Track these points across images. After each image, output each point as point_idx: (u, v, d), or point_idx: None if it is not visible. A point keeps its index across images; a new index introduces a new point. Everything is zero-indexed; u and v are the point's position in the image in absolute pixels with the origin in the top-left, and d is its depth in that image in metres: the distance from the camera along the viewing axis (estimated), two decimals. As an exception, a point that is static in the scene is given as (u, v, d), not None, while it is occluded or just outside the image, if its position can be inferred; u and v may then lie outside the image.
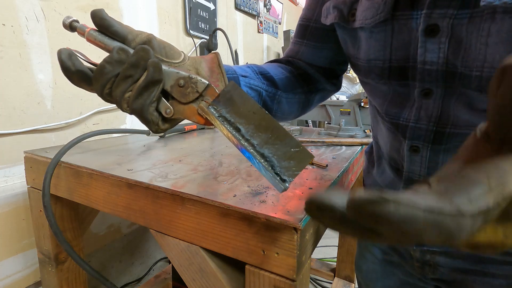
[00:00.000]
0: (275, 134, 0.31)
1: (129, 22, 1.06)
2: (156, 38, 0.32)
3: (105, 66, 0.29)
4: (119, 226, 1.10)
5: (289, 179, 0.31)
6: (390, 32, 0.35)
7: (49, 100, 0.85)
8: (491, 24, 0.28)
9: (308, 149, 0.31)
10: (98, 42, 0.31)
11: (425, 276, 0.44)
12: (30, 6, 0.78)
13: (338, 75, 0.54)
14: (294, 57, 0.53)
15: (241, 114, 0.31)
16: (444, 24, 0.30)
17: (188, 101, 0.32)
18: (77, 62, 0.30)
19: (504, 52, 0.27)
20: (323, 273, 1.34)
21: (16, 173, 0.79)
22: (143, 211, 0.48)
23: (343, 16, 0.40)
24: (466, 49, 0.30)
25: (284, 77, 0.49)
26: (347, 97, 1.87)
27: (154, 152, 0.67)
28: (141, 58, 0.29)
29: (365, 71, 0.40)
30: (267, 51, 2.24)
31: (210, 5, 1.49)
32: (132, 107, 0.31)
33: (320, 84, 0.53)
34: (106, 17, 0.30)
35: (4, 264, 0.78)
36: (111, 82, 0.30)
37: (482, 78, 0.29)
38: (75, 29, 0.32)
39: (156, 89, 0.30)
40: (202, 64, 0.34)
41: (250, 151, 0.31)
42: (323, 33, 0.48)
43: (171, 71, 0.31)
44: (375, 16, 0.35)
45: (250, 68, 0.47)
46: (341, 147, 0.76)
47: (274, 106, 0.48)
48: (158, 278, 1.10)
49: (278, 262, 0.37)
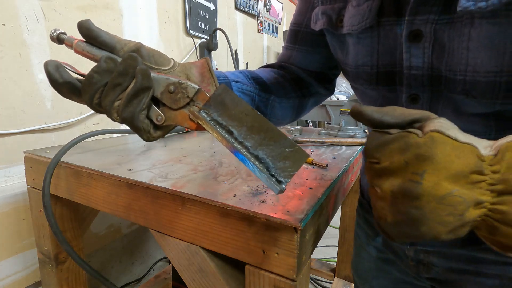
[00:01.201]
0: (268, 135, 0.30)
1: (129, 22, 1.06)
2: (144, 46, 0.32)
3: (93, 75, 0.29)
4: (119, 226, 1.10)
5: (285, 180, 0.30)
6: (376, 38, 0.36)
7: (49, 100, 0.85)
8: (471, 28, 0.28)
9: (303, 149, 0.31)
10: (86, 53, 0.31)
11: (420, 275, 0.45)
12: (30, 6, 0.78)
13: (331, 79, 0.55)
14: (287, 61, 0.53)
15: (233, 116, 0.31)
16: (427, 29, 0.31)
17: (179, 106, 0.31)
18: (64, 74, 0.30)
19: (485, 56, 0.28)
20: (323, 273, 1.34)
21: (16, 173, 0.79)
22: (143, 211, 0.48)
23: (332, 22, 0.41)
24: (449, 53, 0.30)
25: (276, 82, 0.49)
26: (347, 97, 1.87)
27: (154, 152, 0.67)
28: (129, 66, 0.29)
29: (354, 77, 0.41)
30: (267, 51, 2.24)
31: (210, 5, 1.49)
32: (122, 115, 0.30)
33: (313, 88, 0.53)
34: (93, 28, 0.30)
35: (4, 264, 0.78)
36: (100, 92, 0.30)
37: (466, 82, 0.30)
38: (63, 41, 0.32)
39: (146, 96, 0.30)
40: (192, 69, 0.33)
41: (244, 154, 0.31)
42: (313, 38, 0.49)
43: (160, 78, 0.31)
44: (361, 22, 0.36)
45: (242, 74, 0.47)
46: (341, 147, 0.76)
47: (268, 111, 0.48)
48: (158, 278, 1.10)
49: (278, 262, 0.37)
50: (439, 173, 0.21)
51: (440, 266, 0.42)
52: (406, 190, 0.21)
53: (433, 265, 0.42)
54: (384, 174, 0.23)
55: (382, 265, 0.51)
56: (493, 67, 0.28)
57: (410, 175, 0.22)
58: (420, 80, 0.33)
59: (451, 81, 0.31)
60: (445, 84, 0.32)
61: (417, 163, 0.21)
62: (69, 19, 0.87)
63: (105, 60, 0.29)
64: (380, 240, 0.51)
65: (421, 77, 0.33)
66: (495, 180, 0.21)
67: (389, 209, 0.23)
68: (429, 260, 0.42)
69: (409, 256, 0.45)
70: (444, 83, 0.32)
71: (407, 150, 0.22)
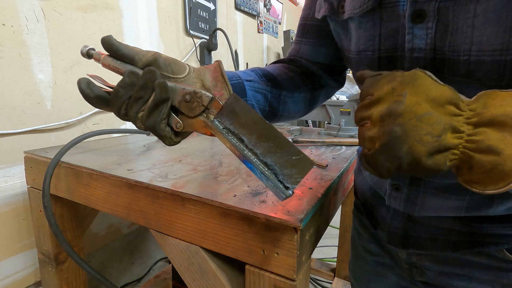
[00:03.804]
0: (276, 142, 0.32)
1: (129, 22, 1.06)
2: (161, 56, 0.34)
3: (119, 90, 0.32)
4: (119, 226, 1.10)
5: (292, 186, 0.32)
6: (378, 21, 0.35)
7: (49, 100, 0.85)
8: (477, 5, 0.28)
9: (308, 157, 0.32)
10: (112, 66, 0.34)
11: (414, 278, 0.44)
12: (30, 6, 0.78)
13: (341, 71, 0.55)
14: (296, 55, 0.54)
15: (243, 125, 0.33)
16: (431, 8, 0.30)
17: (195, 114, 0.34)
18: (95, 89, 0.33)
19: (490, 33, 0.28)
20: (323, 273, 1.34)
21: (16, 173, 0.79)
22: (143, 211, 0.48)
23: (333, 9, 0.41)
24: (453, 33, 0.30)
25: (287, 77, 0.50)
26: (347, 97, 1.87)
27: (154, 152, 0.67)
28: (149, 80, 0.32)
29: (356, 63, 0.40)
30: (267, 51, 2.24)
31: (210, 5, 1.49)
32: (146, 125, 0.33)
33: (323, 80, 0.54)
34: (114, 42, 0.33)
35: (4, 264, 0.78)
36: (126, 104, 0.33)
37: (470, 62, 0.30)
38: (92, 56, 0.35)
39: (165, 107, 0.33)
40: (206, 75, 0.35)
41: (253, 161, 0.32)
42: (320, 29, 0.49)
43: (177, 88, 0.34)
44: (363, 5, 0.35)
45: (254, 72, 0.48)
46: (341, 147, 0.76)
47: (280, 107, 0.49)
48: (158, 278, 1.10)
49: (278, 262, 0.37)
50: (419, 95, 0.24)
51: (432, 270, 0.42)
52: (392, 110, 0.25)
53: (425, 268, 0.42)
54: (375, 103, 0.27)
55: (378, 268, 0.51)
56: (499, 44, 0.27)
57: (395, 97, 0.25)
58: (422, 64, 0.33)
59: (455, 62, 0.31)
60: (449, 66, 0.31)
61: (401, 87, 0.25)
62: (69, 19, 0.87)
63: (128, 75, 0.32)
64: (374, 246, 0.50)
65: (423, 61, 0.32)
66: (471, 115, 0.23)
67: (377, 133, 0.26)
68: (421, 263, 0.42)
69: (402, 259, 0.45)
70: (448, 65, 0.31)
71: (394, 80, 0.26)
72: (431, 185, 0.36)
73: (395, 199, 0.40)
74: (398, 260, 0.46)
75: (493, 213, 0.34)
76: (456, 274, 0.40)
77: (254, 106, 0.45)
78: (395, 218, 0.42)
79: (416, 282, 0.45)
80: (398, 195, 0.39)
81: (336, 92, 0.59)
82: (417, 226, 0.41)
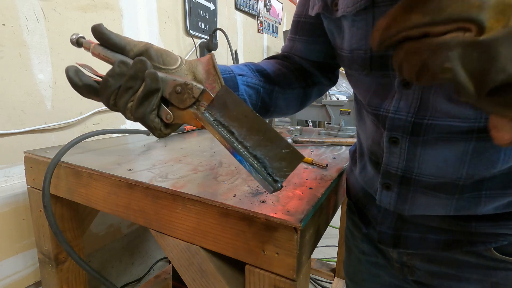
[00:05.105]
0: (266, 136, 0.32)
1: (129, 22, 1.06)
2: (153, 47, 0.33)
3: (108, 79, 0.32)
4: (119, 226, 1.10)
5: (280, 180, 0.32)
6: (371, 20, 0.35)
7: (49, 100, 0.85)
8: None
9: (301, 149, 0.32)
10: (102, 55, 0.34)
11: (406, 277, 0.45)
12: (30, 6, 0.78)
13: (334, 69, 0.55)
14: (289, 52, 0.54)
15: (234, 117, 0.33)
16: None
17: (185, 106, 0.33)
18: (83, 78, 0.32)
19: None
20: (323, 273, 1.34)
21: (16, 173, 0.79)
22: (143, 211, 0.48)
23: (327, 6, 0.40)
24: None
25: (280, 73, 0.50)
26: (347, 97, 1.87)
27: (154, 152, 0.67)
28: (139, 70, 0.31)
29: (349, 62, 0.40)
30: (267, 51, 2.24)
31: (210, 5, 1.49)
32: (135, 116, 0.33)
33: (316, 78, 0.53)
34: (104, 31, 0.32)
35: (4, 264, 0.78)
36: (115, 94, 0.33)
37: None
38: (82, 44, 0.35)
39: (155, 98, 0.32)
40: (199, 67, 0.35)
41: (243, 154, 0.32)
42: (313, 27, 0.49)
43: (168, 79, 0.33)
44: (356, 4, 0.35)
45: (247, 67, 0.47)
46: (341, 147, 0.76)
47: (272, 102, 0.49)
48: (158, 278, 1.10)
49: (278, 262, 0.37)
50: None
51: (423, 270, 0.42)
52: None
53: (416, 268, 0.42)
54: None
55: (372, 268, 0.51)
56: None
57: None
58: None
59: None
60: None
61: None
62: (69, 19, 0.87)
63: (118, 64, 0.32)
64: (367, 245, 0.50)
65: None
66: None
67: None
68: (412, 262, 0.42)
69: (393, 258, 0.45)
70: None
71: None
72: (421, 184, 0.36)
73: (386, 198, 0.40)
74: (390, 259, 0.46)
75: (481, 212, 0.34)
76: (446, 274, 0.40)
77: (246, 101, 0.44)
78: (386, 218, 0.42)
79: (409, 281, 0.45)
80: (389, 194, 0.39)
81: (336, 92, 0.59)
82: (407, 225, 0.41)
